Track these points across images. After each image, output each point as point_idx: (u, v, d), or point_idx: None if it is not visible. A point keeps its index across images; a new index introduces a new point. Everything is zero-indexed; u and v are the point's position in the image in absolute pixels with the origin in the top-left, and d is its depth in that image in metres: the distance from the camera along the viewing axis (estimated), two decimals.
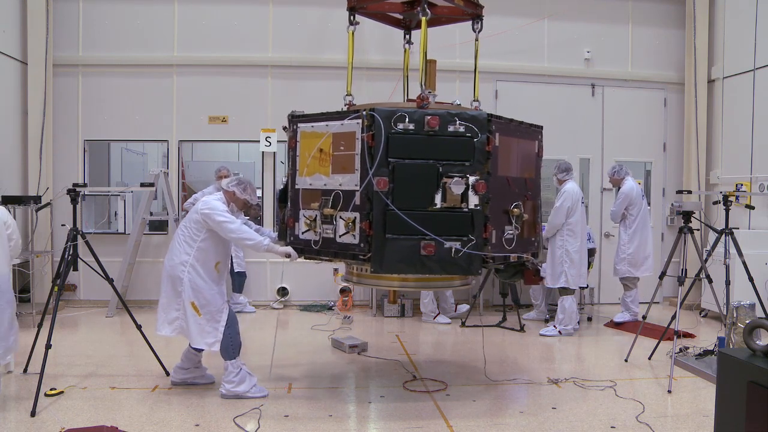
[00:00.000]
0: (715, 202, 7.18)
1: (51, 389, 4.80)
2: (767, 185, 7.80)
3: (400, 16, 5.34)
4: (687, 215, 5.84)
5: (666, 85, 9.24)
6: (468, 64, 8.90)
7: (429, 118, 4.17)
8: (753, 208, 7.35)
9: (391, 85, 8.35)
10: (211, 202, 4.73)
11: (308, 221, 4.49)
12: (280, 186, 5.02)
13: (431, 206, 4.16)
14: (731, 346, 5.23)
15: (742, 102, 8.31)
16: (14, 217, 7.36)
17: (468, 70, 8.82)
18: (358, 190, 4.20)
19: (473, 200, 4.18)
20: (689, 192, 8.26)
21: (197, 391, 4.90)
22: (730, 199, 6.47)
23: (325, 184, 4.41)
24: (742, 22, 8.31)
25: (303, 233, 4.54)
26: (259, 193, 9.47)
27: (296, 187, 4.63)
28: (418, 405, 4.71)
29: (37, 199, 7.43)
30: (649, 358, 5.97)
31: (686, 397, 4.96)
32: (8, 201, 7.11)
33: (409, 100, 4.95)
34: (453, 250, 4.16)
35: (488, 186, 4.22)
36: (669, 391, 5.05)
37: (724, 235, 6.47)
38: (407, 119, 4.18)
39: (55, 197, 7.95)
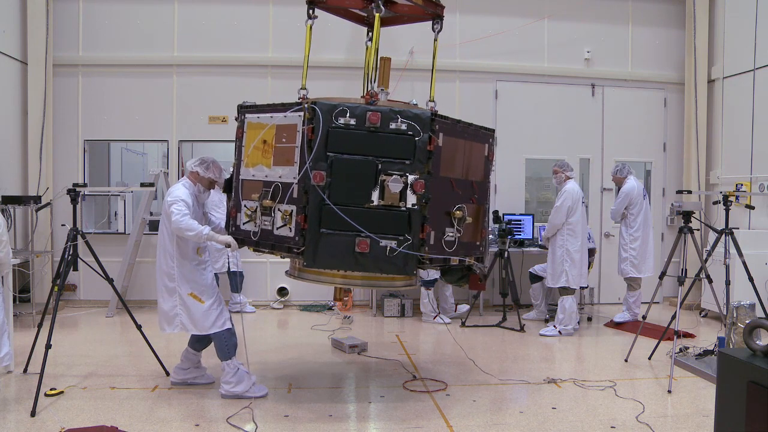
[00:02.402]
0: (715, 202, 7.17)
1: (51, 389, 4.79)
2: (767, 185, 7.80)
3: (364, 14, 5.25)
4: (687, 215, 5.84)
5: (666, 85, 9.24)
6: (469, 64, 8.93)
7: (370, 114, 4.11)
8: (753, 208, 7.35)
9: (392, 84, 8.34)
10: (173, 189, 4.76)
11: (249, 212, 4.47)
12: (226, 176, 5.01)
13: (368, 203, 4.10)
14: (731, 346, 5.23)
15: (742, 102, 8.31)
16: (14, 218, 7.43)
17: (469, 70, 8.85)
18: (295, 183, 4.16)
19: (411, 199, 4.11)
20: (689, 192, 8.25)
21: (197, 391, 4.90)
22: (730, 199, 6.47)
23: (266, 176, 4.38)
24: (742, 22, 8.31)
25: (244, 224, 4.52)
26: None
27: (240, 177, 4.61)
28: (418, 405, 4.71)
29: (37, 199, 7.43)
30: (649, 358, 5.97)
31: (686, 397, 4.96)
32: (8, 201, 7.12)
33: (362, 97, 4.92)
34: (388, 248, 4.11)
35: (428, 186, 4.14)
36: (669, 391, 5.05)
37: (724, 235, 6.46)
38: (348, 114, 4.12)
39: (55, 197, 7.95)
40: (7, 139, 7.87)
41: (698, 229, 7.63)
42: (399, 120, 4.14)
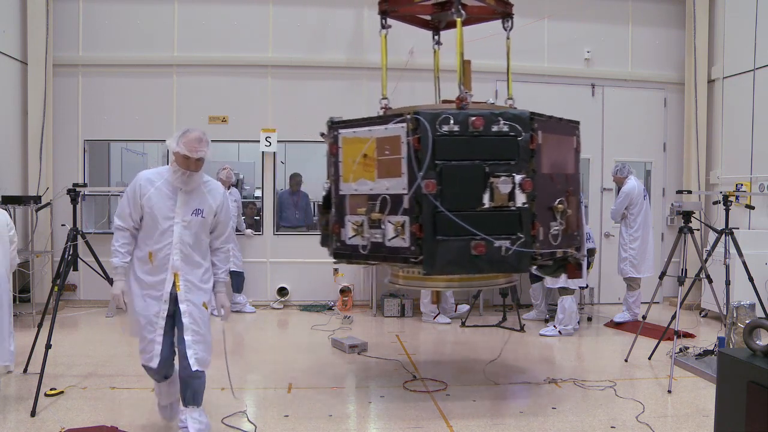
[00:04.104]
0: (715, 202, 7.17)
1: (51, 389, 4.80)
2: (767, 185, 7.80)
3: (429, 17, 5.39)
4: (687, 215, 5.84)
5: (666, 85, 9.24)
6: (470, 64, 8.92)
7: (474, 119, 4.19)
8: (753, 208, 7.35)
9: (391, 85, 8.30)
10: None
11: (355, 226, 4.50)
12: (323, 192, 4.94)
13: (479, 206, 4.18)
14: (731, 346, 5.23)
15: (742, 102, 8.30)
16: (14, 218, 7.42)
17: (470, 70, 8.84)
18: (406, 194, 4.21)
19: (520, 198, 4.20)
20: (689, 192, 8.25)
21: None
22: (730, 199, 6.47)
23: (371, 189, 4.41)
24: (742, 22, 8.30)
25: (350, 239, 4.54)
26: (258, 193, 9.53)
27: (340, 193, 4.62)
28: (418, 405, 4.71)
29: (37, 199, 7.43)
30: (649, 358, 5.96)
31: (686, 397, 4.96)
32: (8, 201, 7.12)
33: (443, 101, 5.00)
34: (503, 248, 4.18)
35: (534, 184, 4.25)
36: (669, 391, 5.05)
37: (724, 235, 6.46)
38: (452, 121, 4.19)
39: (55, 197, 7.95)
40: (7, 139, 7.87)
41: (698, 229, 7.63)
42: (501, 122, 4.22)
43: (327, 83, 8.64)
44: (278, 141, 8.56)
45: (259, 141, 8.55)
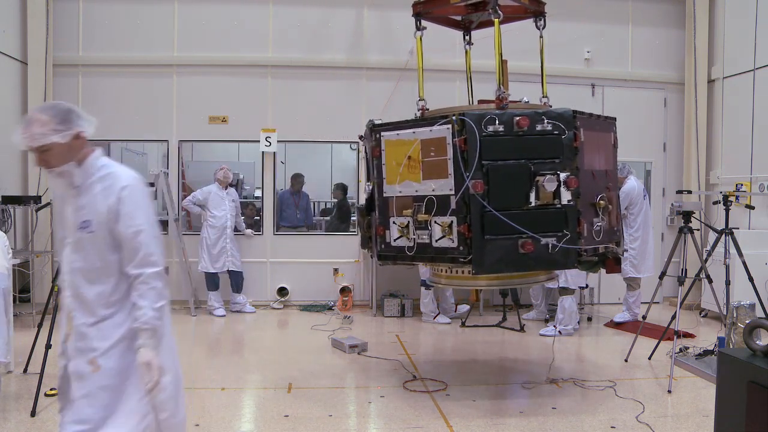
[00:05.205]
0: (715, 202, 7.16)
1: (51, 389, 4.79)
2: (767, 185, 7.80)
3: (459, 18, 5.42)
4: (687, 215, 5.84)
5: (666, 85, 9.24)
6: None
7: (519, 118, 4.24)
8: (753, 208, 7.34)
9: (391, 85, 8.35)
10: None
11: (400, 228, 4.51)
12: (364, 195, 4.98)
13: (526, 205, 4.21)
14: (731, 346, 5.23)
15: (742, 102, 8.30)
16: (14, 218, 7.45)
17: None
18: (453, 195, 4.23)
19: (565, 196, 4.25)
20: (689, 192, 8.24)
21: (197, 392, 4.90)
22: (730, 199, 6.46)
23: (416, 191, 4.44)
24: (742, 22, 8.30)
25: (395, 240, 4.55)
26: (258, 193, 9.53)
27: (384, 195, 4.64)
28: (418, 405, 4.71)
29: (37, 199, 7.44)
30: (649, 358, 5.96)
31: (686, 397, 4.96)
32: (8, 201, 7.12)
33: (480, 101, 5.03)
34: (550, 246, 4.21)
35: (578, 181, 4.29)
36: (669, 391, 5.05)
37: (724, 235, 6.46)
38: (497, 122, 4.23)
39: (55, 197, 7.95)
40: (7, 140, 7.86)
41: (698, 229, 7.62)
42: (545, 121, 4.28)
43: (327, 83, 8.64)
44: (278, 141, 8.56)
45: (259, 141, 8.55)
